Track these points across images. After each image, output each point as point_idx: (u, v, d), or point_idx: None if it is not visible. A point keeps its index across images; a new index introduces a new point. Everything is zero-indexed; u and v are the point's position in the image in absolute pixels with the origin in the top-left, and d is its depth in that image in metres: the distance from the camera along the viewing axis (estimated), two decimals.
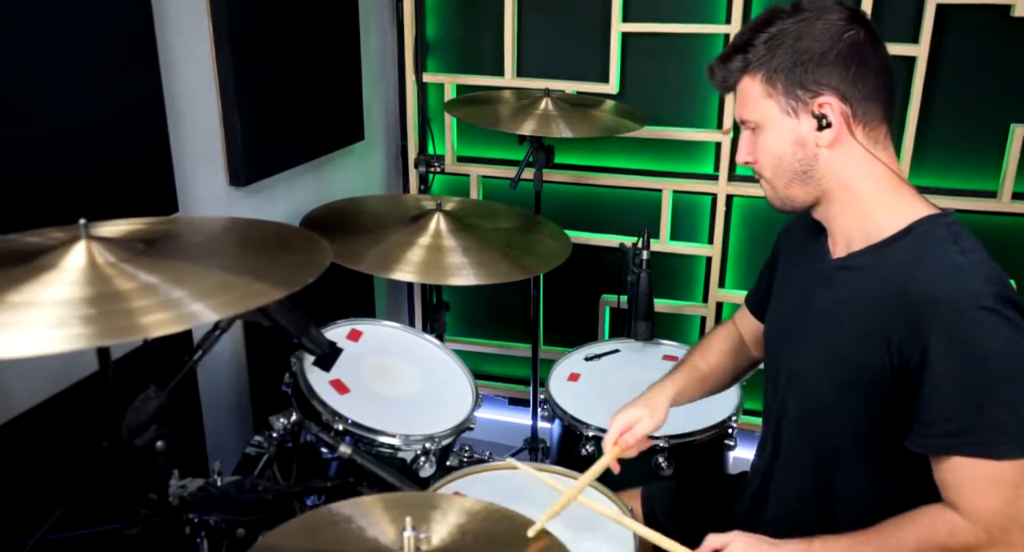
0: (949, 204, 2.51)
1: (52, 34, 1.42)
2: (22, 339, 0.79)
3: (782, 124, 1.21)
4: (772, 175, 1.25)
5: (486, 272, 1.80)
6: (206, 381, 1.95)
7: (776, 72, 1.19)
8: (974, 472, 1.09)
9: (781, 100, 1.20)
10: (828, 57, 1.16)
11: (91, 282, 0.89)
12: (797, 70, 1.17)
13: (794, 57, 1.17)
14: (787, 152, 1.22)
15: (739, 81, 1.24)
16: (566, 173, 2.64)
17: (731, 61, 1.23)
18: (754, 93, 1.22)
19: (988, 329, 1.08)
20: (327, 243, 1.11)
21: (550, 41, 2.58)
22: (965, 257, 1.13)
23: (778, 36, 1.19)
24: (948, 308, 1.09)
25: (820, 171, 1.22)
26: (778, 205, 1.30)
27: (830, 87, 1.17)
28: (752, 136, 1.27)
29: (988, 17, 2.20)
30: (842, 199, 1.23)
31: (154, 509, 1.13)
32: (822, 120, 1.18)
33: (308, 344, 1.37)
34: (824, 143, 1.19)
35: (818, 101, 1.18)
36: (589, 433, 1.80)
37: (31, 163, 1.43)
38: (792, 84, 1.18)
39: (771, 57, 1.19)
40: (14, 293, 0.86)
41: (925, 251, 1.15)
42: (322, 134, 2.31)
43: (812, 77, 1.17)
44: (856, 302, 1.22)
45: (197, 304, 0.88)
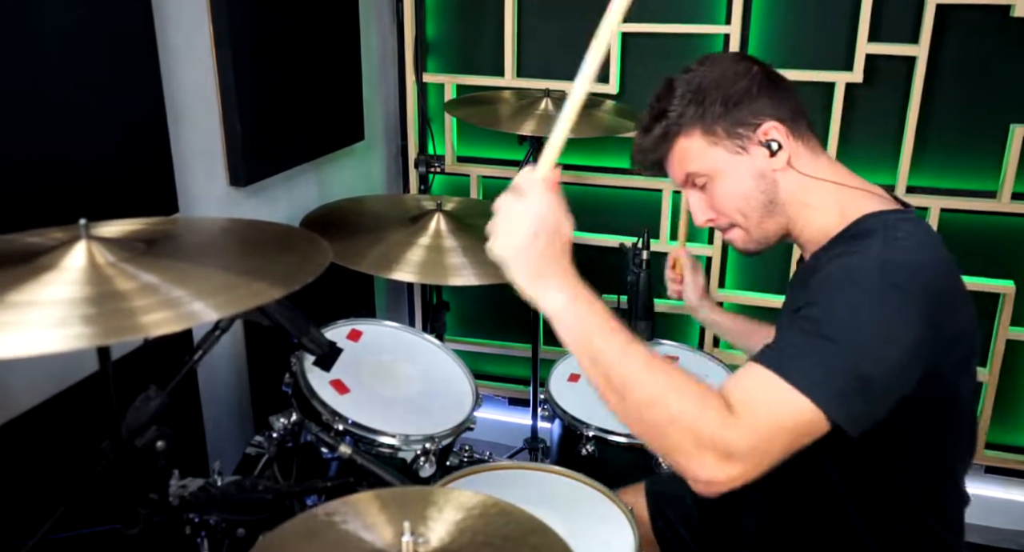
0: (949, 204, 2.52)
1: (52, 34, 1.42)
2: (23, 339, 0.79)
3: (736, 164, 1.25)
4: (743, 217, 1.28)
5: (486, 272, 1.80)
6: (206, 381, 1.95)
7: (714, 120, 1.23)
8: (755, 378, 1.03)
9: (727, 144, 1.24)
10: (752, 91, 1.23)
11: (91, 282, 0.89)
12: (732, 111, 1.23)
13: (724, 101, 1.23)
14: (750, 187, 1.25)
15: (672, 148, 1.28)
16: (566, 173, 2.63)
17: (653, 132, 1.28)
18: (696, 149, 1.26)
19: (851, 295, 1.06)
20: (326, 243, 1.11)
21: (550, 41, 2.58)
22: (885, 246, 1.12)
23: (693, 92, 1.24)
24: (830, 278, 1.10)
25: (782, 196, 1.26)
26: (753, 248, 1.33)
27: (765, 115, 1.23)
28: (704, 194, 1.30)
29: (988, 17, 2.20)
30: (803, 215, 1.27)
31: (154, 509, 1.14)
32: (772, 145, 1.23)
33: (308, 344, 1.37)
34: (779, 166, 1.24)
35: (762, 129, 1.23)
36: (589, 433, 1.80)
37: (31, 163, 1.43)
38: (732, 124, 1.23)
39: (700, 110, 1.24)
40: (15, 293, 0.86)
41: (853, 244, 1.16)
42: (322, 134, 2.31)
43: (747, 112, 1.23)
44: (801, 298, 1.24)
45: (197, 303, 0.88)
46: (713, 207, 1.30)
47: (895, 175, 2.36)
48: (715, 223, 1.32)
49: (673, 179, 1.32)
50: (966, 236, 2.37)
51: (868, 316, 1.05)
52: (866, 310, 1.05)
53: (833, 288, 1.09)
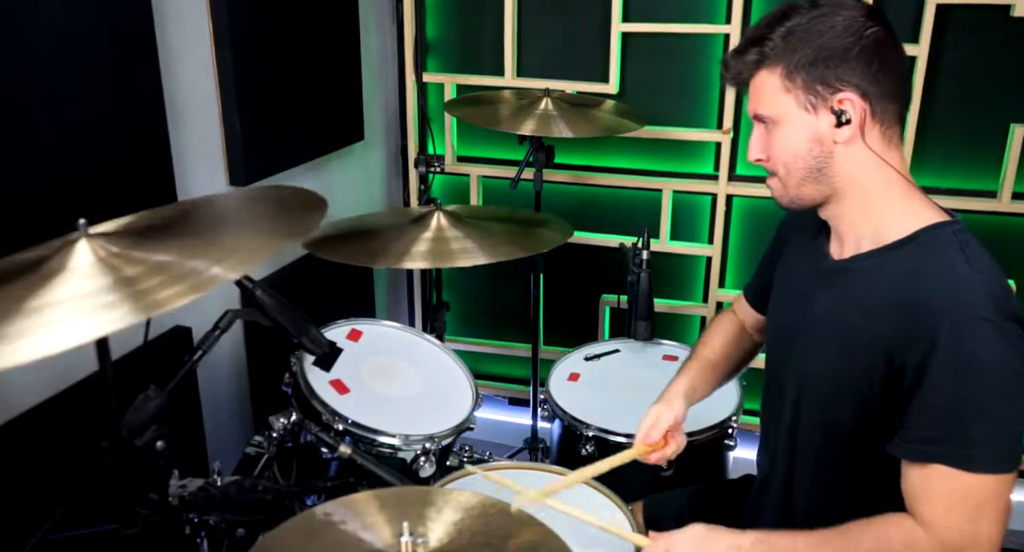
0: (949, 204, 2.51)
1: (52, 33, 1.42)
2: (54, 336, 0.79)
3: (799, 120, 1.18)
4: (785, 172, 1.23)
5: (491, 252, 1.79)
6: (206, 381, 1.95)
7: (797, 67, 1.16)
8: (943, 482, 1.08)
9: (800, 95, 1.17)
10: (851, 53, 1.14)
11: (102, 274, 0.89)
12: (819, 65, 1.15)
13: (816, 52, 1.15)
14: (803, 149, 1.20)
15: (755, 75, 1.21)
16: (566, 173, 2.64)
17: (746, 54, 1.21)
18: (771, 87, 1.19)
19: (983, 340, 1.07)
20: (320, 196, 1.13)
21: (550, 41, 2.58)
22: (970, 267, 1.12)
23: (798, 31, 1.16)
24: (947, 317, 1.08)
25: (834, 169, 1.20)
26: (785, 203, 1.27)
27: (851, 84, 1.15)
28: (765, 133, 1.24)
29: (988, 17, 2.20)
30: (852, 199, 1.22)
31: (154, 509, 1.14)
32: (841, 116, 1.16)
33: (308, 344, 1.37)
34: (842, 140, 1.17)
35: (838, 97, 1.15)
36: (589, 433, 1.80)
37: (31, 163, 1.43)
38: (813, 79, 1.16)
39: (791, 51, 1.16)
40: (31, 299, 0.86)
41: (930, 259, 1.15)
42: (322, 134, 2.31)
43: (834, 73, 1.15)
44: (858, 305, 1.21)
45: (215, 268, 0.88)
46: (767, 150, 1.24)
47: None
48: (764, 164, 1.26)
49: (748, 107, 1.27)
50: None
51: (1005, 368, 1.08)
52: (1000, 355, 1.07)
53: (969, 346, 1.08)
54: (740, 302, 1.61)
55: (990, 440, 1.07)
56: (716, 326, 1.61)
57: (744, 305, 1.59)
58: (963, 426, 1.07)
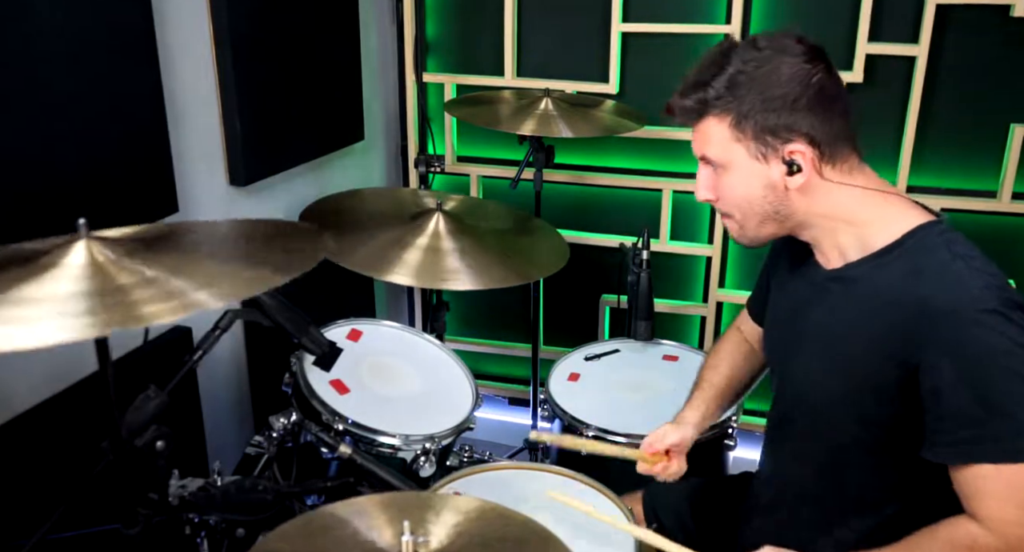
0: (949, 204, 2.51)
1: (52, 34, 1.42)
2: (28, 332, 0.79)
3: (751, 168, 1.19)
4: (742, 216, 1.24)
5: (482, 278, 1.80)
6: (206, 381, 1.95)
7: (746, 117, 1.16)
8: (992, 478, 1.08)
9: (751, 145, 1.18)
10: (800, 103, 1.15)
11: (92, 277, 0.89)
12: (769, 116, 1.15)
13: (765, 103, 1.15)
14: (757, 195, 1.21)
15: (699, 123, 1.22)
16: (566, 173, 2.64)
17: (690, 98, 1.21)
18: (720, 135, 1.19)
19: (991, 331, 1.07)
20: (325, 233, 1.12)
21: (550, 41, 2.58)
22: (963, 264, 1.12)
23: (742, 79, 1.16)
24: (949, 316, 1.08)
25: (792, 208, 1.21)
26: (746, 243, 1.29)
27: (800, 133, 1.16)
28: (713, 175, 1.24)
29: (988, 17, 2.20)
30: (821, 224, 1.23)
31: (154, 509, 1.13)
32: (792, 166, 1.17)
33: (308, 344, 1.37)
34: (795, 187, 1.19)
35: (788, 148, 1.16)
36: (589, 433, 1.80)
37: (31, 163, 1.43)
38: (763, 130, 1.16)
39: (739, 101, 1.16)
40: (17, 290, 0.86)
41: (922, 261, 1.15)
42: (322, 134, 2.31)
43: (783, 123, 1.15)
44: (855, 313, 1.21)
45: (200, 293, 0.88)
46: (717, 192, 1.25)
47: (895, 175, 2.36)
48: (714, 205, 1.27)
49: (693, 147, 1.27)
50: (966, 236, 2.36)
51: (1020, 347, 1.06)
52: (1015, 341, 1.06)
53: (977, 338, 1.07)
54: (744, 317, 1.61)
55: None
56: (722, 349, 1.61)
57: (748, 320, 1.59)
58: (998, 420, 1.06)
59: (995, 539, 1.08)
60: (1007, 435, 1.06)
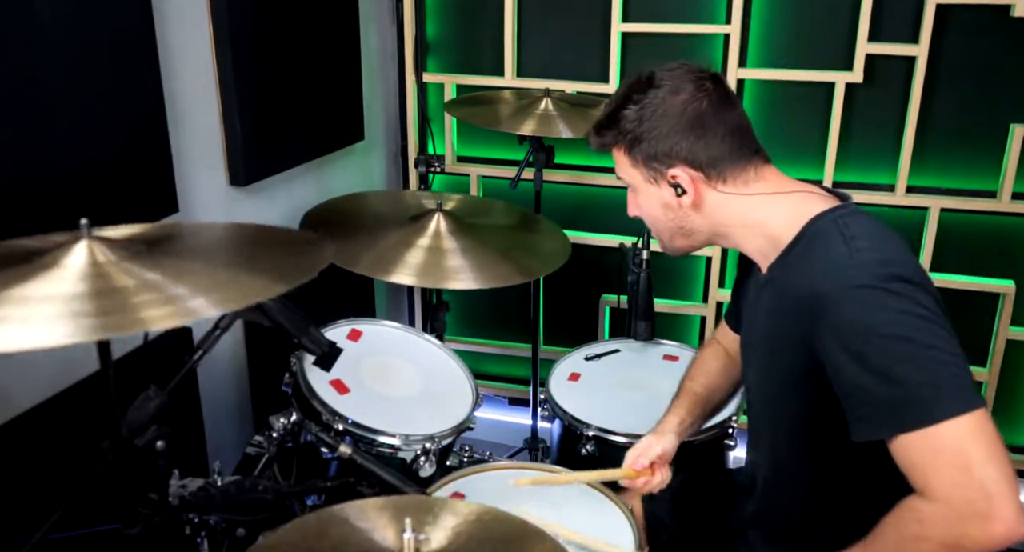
0: (949, 204, 2.51)
1: (52, 34, 1.42)
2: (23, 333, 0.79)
3: (648, 190, 1.31)
4: (656, 231, 1.38)
5: (485, 276, 1.80)
6: (206, 381, 1.95)
7: (633, 147, 1.29)
8: (916, 447, 1.05)
9: (643, 171, 1.30)
10: (675, 131, 1.25)
11: (92, 278, 0.89)
12: (651, 144, 1.26)
13: (645, 133, 1.26)
14: (659, 214, 1.33)
15: (611, 151, 1.35)
16: (566, 173, 2.63)
17: (601, 134, 1.34)
18: (623, 162, 1.33)
19: (867, 304, 1.08)
20: (328, 241, 1.11)
21: (550, 41, 2.58)
22: (847, 246, 1.14)
23: (631, 115, 1.28)
24: (828, 298, 1.11)
25: (695, 224, 1.31)
26: (671, 253, 1.40)
27: (679, 158, 1.25)
28: (631, 193, 1.38)
29: (988, 17, 2.20)
30: (734, 232, 1.30)
31: (154, 509, 1.14)
32: (677, 188, 1.27)
33: (308, 344, 1.37)
34: (687, 205, 1.28)
35: (670, 172, 1.26)
36: (589, 433, 1.80)
37: (31, 163, 1.43)
38: (648, 157, 1.28)
39: (627, 134, 1.28)
40: (16, 289, 0.86)
41: (816, 250, 1.18)
42: (322, 134, 2.31)
43: (661, 150, 1.26)
44: (773, 313, 1.27)
45: (198, 299, 0.88)
46: (637, 207, 1.38)
47: (895, 175, 2.36)
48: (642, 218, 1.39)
49: None
50: (966, 236, 2.37)
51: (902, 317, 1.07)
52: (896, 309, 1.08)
53: (852, 314, 1.09)
54: (723, 329, 1.65)
55: (930, 388, 1.04)
56: (701, 361, 1.65)
57: (728, 332, 1.63)
58: (898, 389, 1.05)
59: (939, 507, 1.03)
60: (910, 402, 1.05)
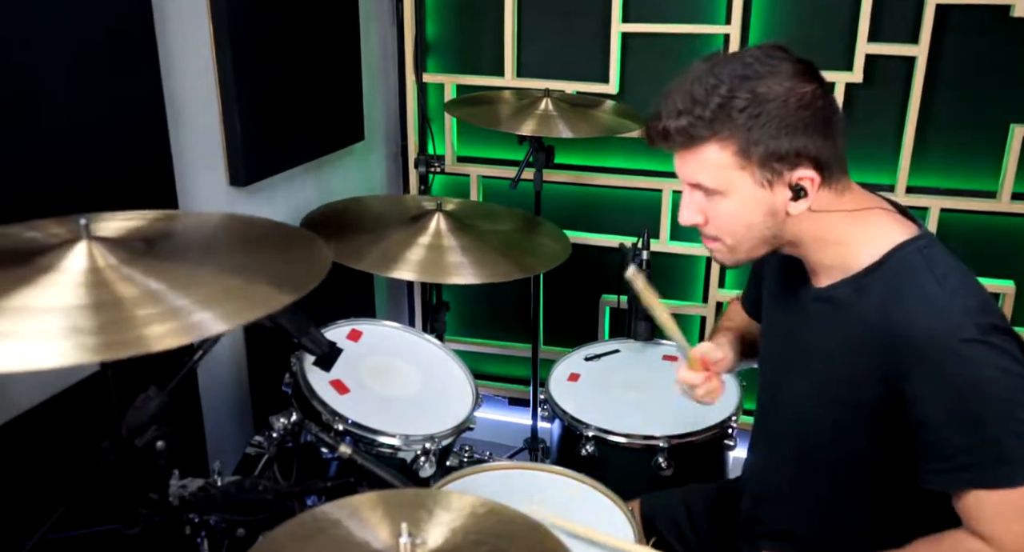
0: (949, 204, 2.51)
1: (52, 34, 1.42)
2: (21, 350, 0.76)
3: (753, 195, 1.14)
4: (734, 242, 1.19)
5: (486, 271, 1.80)
6: (206, 381, 1.95)
7: (755, 144, 1.10)
8: (992, 503, 1.07)
9: (756, 172, 1.12)
10: (808, 128, 1.10)
11: (92, 287, 0.87)
12: (781, 142, 1.09)
13: (775, 128, 1.09)
14: (757, 221, 1.16)
15: (695, 147, 1.14)
16: (566, 173, 2.63)
17: (686, 122, 1.13)
18: (720, 162, 1.12)
19: (974, 361, 1.06)
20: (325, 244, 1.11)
21: (550, 41, 2.58)
22: (941, 288, 1.10)
23: (740, 103, 1.09)
24: (930, 346, 1.07)
25: (787, 231, 1.18)
26: (733, 264, 1.24)
27: (809, 157, 1.11)
28: (704, 200, 1.18)
29: (988, 17, 2.20)
30: (808, 244, 1.20)
31: (154, 509, 1.14)
32: (800, 192, 1.13)
33: (308, 344, 1.37)
34: (796, 212, 1.15)
35: (797, 174, 1.12)
36: (589, 433, 1.80)
37: (31, 163, 1.43)
38: (771, 156, 1.10)
39: (744, 128, 1.09)
40: (13, 297, 0.83)
41: (901, 284, 1.13)
42: (322, 134, 2.31)
43: (794, 148, 1.10)
44: (842, 337, 1.19)
45: (203, 313, 0.85)
46: (707, 215, 1.19)
47: (895, 175, 2.36)
48: (701, 229, 1.22)
49: (677, 171, 1.19)
50: (966, 236, 2.37)
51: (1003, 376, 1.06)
52: (998, 367, 1.06)
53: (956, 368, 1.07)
54: (737, 308, 1.62)
55: (1021, 451, 1.06)
56: (734, 312, 1.63)
57: (739, 309, 1.60)
58: (989, 447, 1.06)
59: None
60: (997, 461, 1.06)
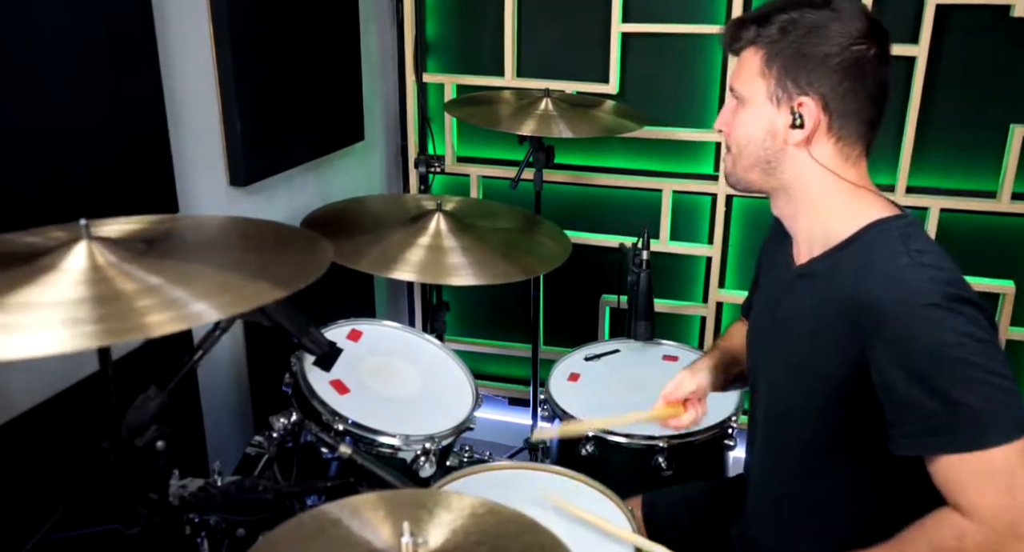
0: (949, 204, 2.51)
1: (52, 34, 1.42)
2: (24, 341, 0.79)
3: (763, 108, 1.22)
4: (737, 152, 1.27)
5: (485, 272, 1.80)
6: (206, 381, 1.95)
7: (777, 56, 1.19)
8: (964, 468, 1.07)
9: (771, 85, 1.20)
10: (828, 63, 1.16)
11: (92, 283, 0.88)
12: (796, 62, 1.17)
13: (798, 49, 1.17)
14: (757, 137, 1.23)
15: (742, 50, 1.24)
16: (566, 173, 2.64)
17: (746, 27, 1.23)
18: (751, 67, 1.22)
19: (937, 324, 1.07)
20: (328, 242, 1.11)
21: (550, 41, 2.58)
22: (911, 259, 1.12)
23: (795, 23, 1.18)
24: (893, 310, 1.09)
25: (783, 166, 1.23)
26: (732, 182, 1.31)
27: (817, 92, 1.18)
28: (734, 107, 1.27)
29: (988, 17, 2.20)
30: (799, 200, 1.25)
31: (154, 509, 1.14)
32: (797, 119, 1.19)
33: (308, 344, 1.37)
34: (792, 141, 1.21)
35: (799, 99, 1.18)
36: (589, 433, 1.80)
37: (31, 164, 1.43)
38: (785, 74, 1.19)
39: (778, 40, 1.18)
40: (14, 294, 0.85)
41: (874, 255, 1.15)
42: (322, 134, 2.31)
43: (805, 75, 1.17)
44: (814, 310, 1.22)
45: (199, 304, 0.88)
46: (730, 124, 1.28)
47: (895, 175, 2.36)
48: (725, 137, 1.30)
49: (729, 77, 1.30)
50: (966, 236, 2.37)
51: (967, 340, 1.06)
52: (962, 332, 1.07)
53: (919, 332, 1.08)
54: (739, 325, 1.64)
55: (988, 413, 1.05)
56: (733, 330, 1.64)
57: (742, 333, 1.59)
58: (954, 410, 1.06)
59: (982, 527, 1.06)
60: (965, 424, 1.06)
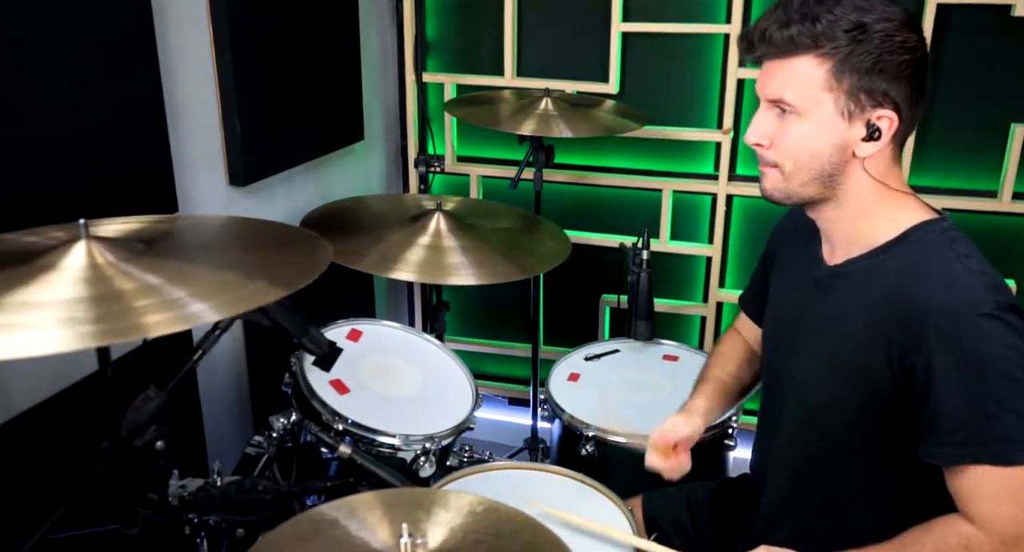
0: (949, 204, 2.51)
1: (52, 34, 1.42)
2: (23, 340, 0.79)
3: (830, 122, 1.13)
4: (794, 168, 1.16)
5: (485, 272, 1.80)
6: (206, 381, 1.95)
7: (851, 70, 1.09)
8: (987, 480, 1.08)
9: (841, 99, 1.11)
10: (904, 71, 1.10)
11: (91, 282, 0.89)
12: (873, 74, 1.09)
13: (875, 61, 1.09)
14: (823, 151, 1.14)
15: (789, 59, 1.12)
16: (566, 173, 2.64)
17: (796, 30, 1.10)
18: (811, 79, 1.11)
19: (988, 335, 1.06)
20: (327, 243, 1.11)
21: (550, 41, 2.58)
22: (962, 264, 1.12)
23: (862, 30, 1.08)
24: (947, 317, 1.08)
25: (843, 177, 1.17)
26: (778, 197, 1.21)
27: (894, 101, 1.11)
28: (778, 119, 1.16)
29: (988, 17, 2.20)
30: (848, 207, 1.20)
31: (154, 509, 1.14)
32: (875, 133, 1.12)
33: (308, 344, 1.37)
34: (863, 154, 1.14)
35: (879, 112, 1.12)
36: (589, 433, 1.80)
37: (31, 164, 1.43)
38: (860, 88, 1.10)
39: (850, 50, 1.08)
40: (13, 294, 0.85)
41: (922, 258, 1.14)
42: (322, 134, 2.31)
43: (884, 87, 1.10)
44: (854, 310, 1.20)
45: (198, 304, 0.88)
46: (774, 138, 1.17)
47: None
48: (762, 151, 1.19)
49: (760, 86, 1.17)
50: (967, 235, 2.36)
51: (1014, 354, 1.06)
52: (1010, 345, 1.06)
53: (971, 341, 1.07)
54: (742, 318, 1.61)
55: (1021, 432, 1.06)
56: (725, 347, 1.60)
57: (746, 321, 1.59)
58: (991, 423, 1.06)
59: (990, 539, 1.08)
60: (1002, 438, 1.06)
